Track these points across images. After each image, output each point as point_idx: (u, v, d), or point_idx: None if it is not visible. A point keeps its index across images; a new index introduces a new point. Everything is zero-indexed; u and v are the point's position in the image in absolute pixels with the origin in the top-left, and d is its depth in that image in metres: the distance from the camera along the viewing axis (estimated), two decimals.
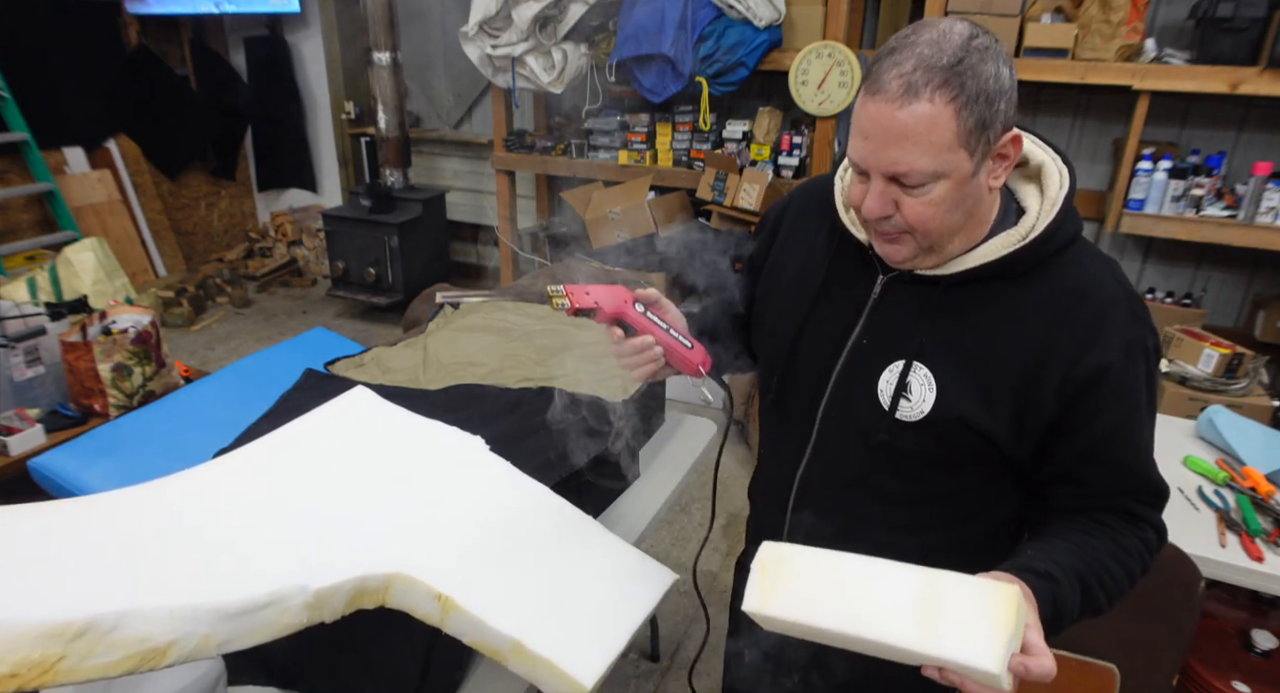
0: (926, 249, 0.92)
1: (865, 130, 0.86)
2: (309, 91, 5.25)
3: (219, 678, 1.12)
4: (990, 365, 0.93)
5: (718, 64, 3.46)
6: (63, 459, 1.88)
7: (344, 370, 2.00)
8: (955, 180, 0.86)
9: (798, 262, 1.10)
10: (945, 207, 0.88)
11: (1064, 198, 0.94)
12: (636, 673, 2.18)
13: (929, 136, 0.83)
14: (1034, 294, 0.93)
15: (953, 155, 0.84)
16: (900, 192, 0.87)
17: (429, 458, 1.29)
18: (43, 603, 0.78)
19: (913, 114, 0.82)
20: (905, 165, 0.84)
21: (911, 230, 0.90)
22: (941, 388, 0.94)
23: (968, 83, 0.82)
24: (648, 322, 1.02)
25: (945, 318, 0.95)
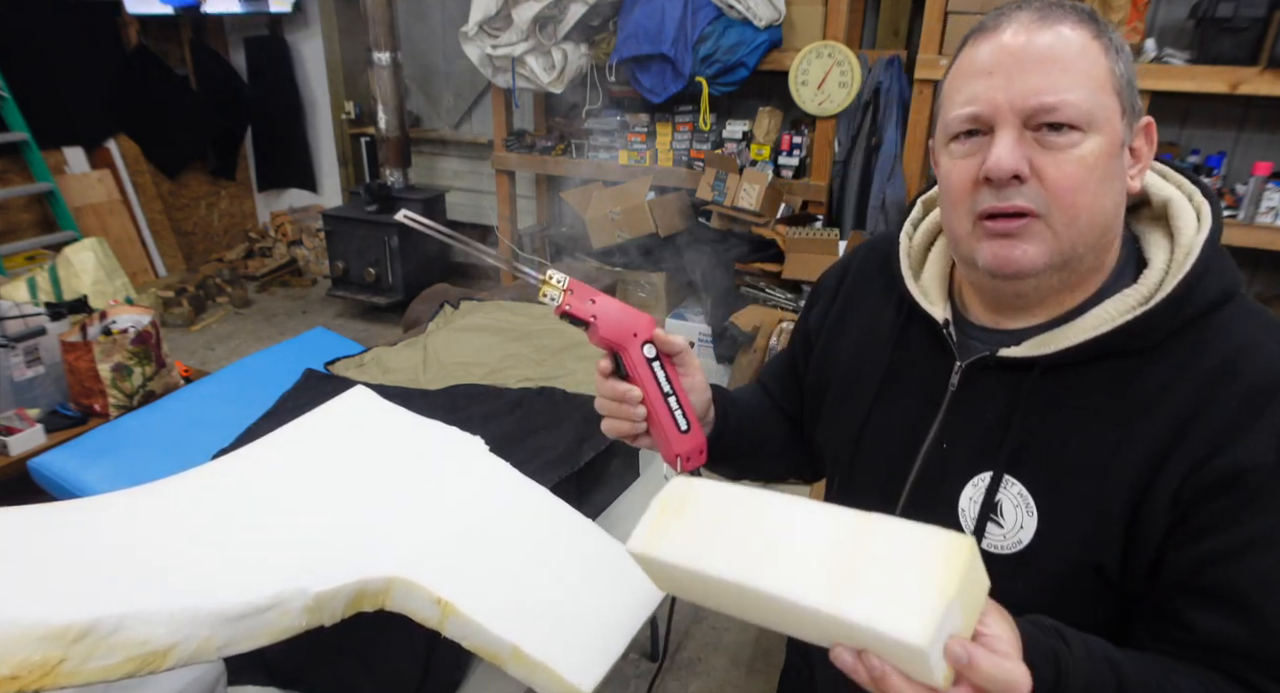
0: (1063, 252, 0.68)
1: (987, 66, 0.67)
2: (309, 91, 5.25)
3: (219, 679, 1.13)
4: (1105, 477, 0.68)
5: (718, 64, 3.46)
6: (63, 459, 1.88)
7: (344, 370, 2.00)
8: (1106, 140, 0.66)
9: (858, 341, 0.88)
10: (1099, 175, 0.66)
11: (1203, 243, 0.69)
12: (636, 673, 2.18)
13: (1080, 63, 0.65)
14: (1163, 375, 0.68)
15: (1107, 99, 0.66)
16: (1038, 146, 0.66)
17: (429, 459, 1.30)
18: (43, 605, 0.78)
19: (1058, 36, 0.65)
20: (1055, 94, 0.64)
21: (1051, 206, 0.66)
22: (1044, 512, 0.71)
23: (1108, 30, 0.67)
24: (647, 373, 0.79)
25: (1042, 414, 0.72)
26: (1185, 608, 0.66)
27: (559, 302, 0.76)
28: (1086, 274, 0.72)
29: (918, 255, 0.86)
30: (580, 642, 1.04)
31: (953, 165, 0.71)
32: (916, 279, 0.84)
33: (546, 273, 0.76)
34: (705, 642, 2.30)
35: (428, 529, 1.12)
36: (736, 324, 3.23)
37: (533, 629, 1.01)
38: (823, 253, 3.15)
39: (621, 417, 0.80)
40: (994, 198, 0.68)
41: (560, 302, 0.76)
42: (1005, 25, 0.68)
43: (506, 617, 1.01)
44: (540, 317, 2.18)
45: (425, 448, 1.31)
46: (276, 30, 5.12)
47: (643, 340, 0.79)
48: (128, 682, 0.96)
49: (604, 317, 0.77)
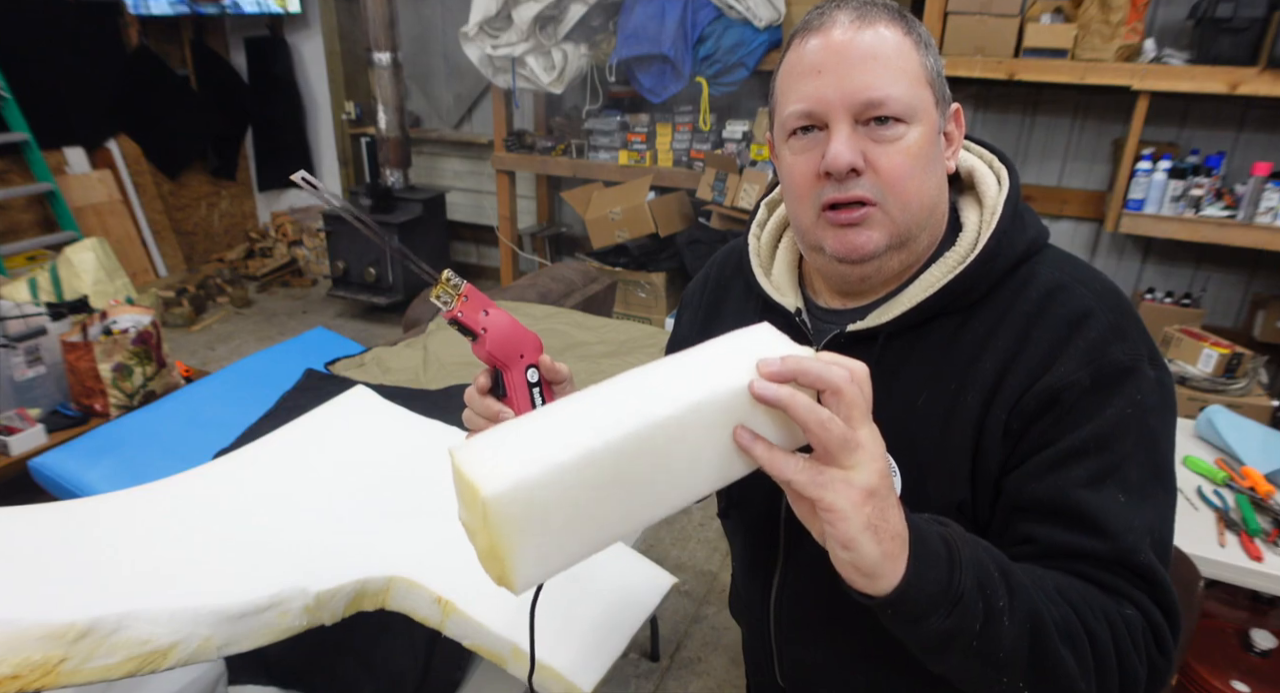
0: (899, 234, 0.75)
1: (816, 66, 0.72)
2: (309, 91, 5.25)
3: (219, 678, 1.13)
4: (944, 428, 0.74)
5: (718, 64, 3.46)
6: (63, 459, 1.88)
7: (344, 370, 2.01)
8: (926, 129, 0.73)
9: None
10: (922, 161, 0.73)
11: (1004, 201, 0.77)
12: (636, 673, 2.18)
13: (898, 61, 0.71)
14: (988, 323, 0.75)
15: (921, 91, 0.72)
16: (869, 140, 0.72)
17: (429, 458, 1.30)
18: (44, 604, 0.78)
19: (877, 36, 0.71)
20: (880, 90, 0.70)
21: (886, 194, 0.73)
22: (905, 469, 0.75)
23: (917, 26, 0.74)
24: (525, 395, 0.76)
25: (890, 379, 0.77)
26: (1023, 524, 0.71)
27: (452, 307, 0.72)
28: (922, 251, 0.79)
29: (766, 253, 0.91)
30: (580, 641, 1.04)
31: (794, 160, 0.76)
32: (768, 275, 0.89)
33: (444, 273, 0.71)
34: (705, 642, 2.30)
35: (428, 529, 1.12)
36: None
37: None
38: None
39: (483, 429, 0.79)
40: (835, 189, 0.73)
41: (453, 307, 0.72)
42: (829, 25, 0.73)
43: (507, 616, 1.01)
44: (539, 317, 2.18)
45: (425, 447, 1.31)
46: (277, 30, 5.13)
47: (528, 363, 0.76)
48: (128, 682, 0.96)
49: (495, 331, 0.74)
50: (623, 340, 2.05)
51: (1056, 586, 0.66)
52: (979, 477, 0.73)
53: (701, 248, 3.52)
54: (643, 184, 3.74)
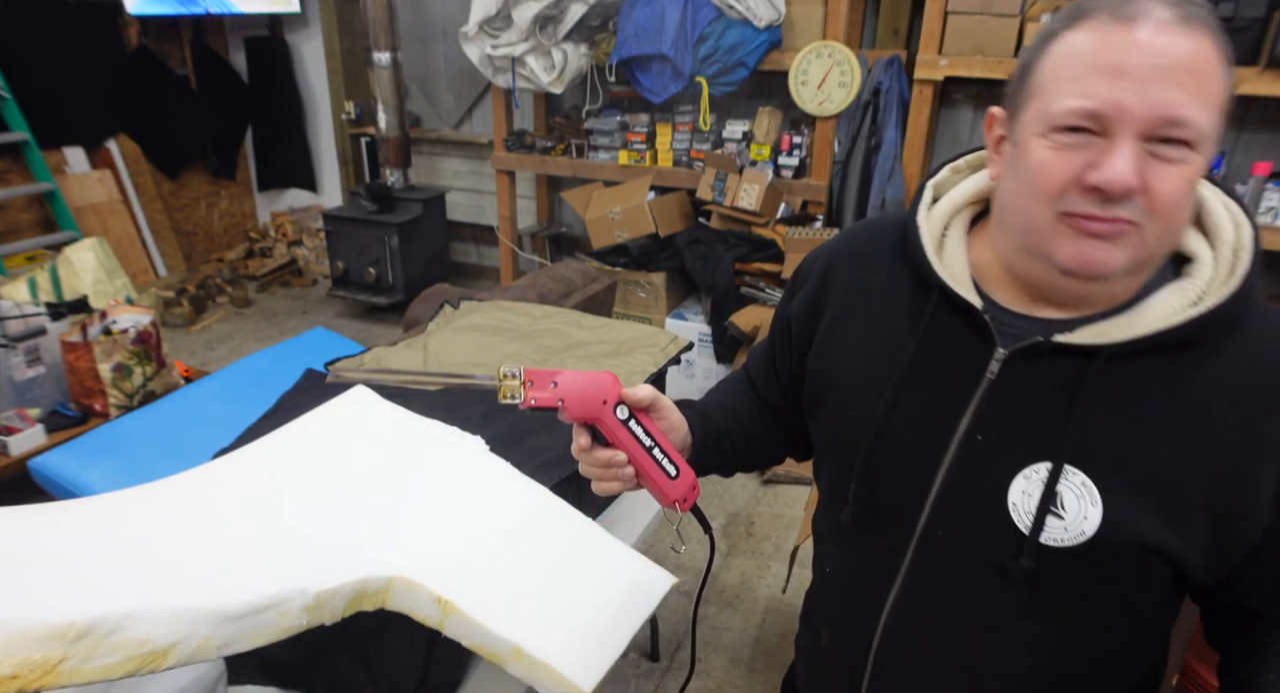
0: (1144, 260, 0.69)
1: (1118, 65, 0.62)
2: (309, 91, 5.25)
3: (219, 678, 1.13)
4: (1169, 466, 0.69)
5: (718, 64, 3.46)
6: (63, 459, 1.88)
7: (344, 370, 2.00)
8: (1207, 159, 0.65)
9: (870, 329, 0.84)
10: (1191, 191, 0.66)
11: (1252, 244, 0.70)
12: (636, 673, 2.18)
13: (1209, 82, 0.62)
14: (1221, 368, 0.69)
15: (1216, 119, 0.64)
16: (1150, 158, 0.63)
17: (429, 458, 1.30)
18: (44, 604, 0.78)
19: (1197, 47, 0.61)
20: (1186, 109, 0.61)
21: (1150, 218, 0.65)
22: (1109, 500, 0.70)
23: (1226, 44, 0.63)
24: (626, 434, 0.77)
25: (1107, 403, 0.71)
26: None
27: (523, 397, 0.73)
28: (1145, 278, 0.73)
29: (935, 239, 0.82)
30: (580, 641, 1.04)
31: (1051, 158, 0.67)
32: (942, 264, 0.80)
33: (500, 371, 0.72)
34: (705, 642, 2.30)
35: (428, 529, 1.12)
36: (736, 324, 3.23)
37: (533, 628, 1.01)
38: None
39: (611, 479, 0.79)
40: (1094, 206, 0.65)
41: (524, 397, 0.73)
42: (1141, 19, 0.62)
43: (506, 616, 1.01)
44: (540, 317, 2.17)
45: (425, 448, 1.31)
46: (276, 30, 5.13)
47: (613, 404, 0.76)
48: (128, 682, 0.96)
49: (570, 396, 0.74)
50: (623, 340, 2.05)
51: None
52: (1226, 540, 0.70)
53: (701, 248, 3.52)
54: (643, 184, 3.73)
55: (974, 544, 0.75)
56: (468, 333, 2.14)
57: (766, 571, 2.61)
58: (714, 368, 3.60)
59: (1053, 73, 0.67)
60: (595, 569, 1.20)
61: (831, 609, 0.95)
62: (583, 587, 1.16)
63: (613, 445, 0.77)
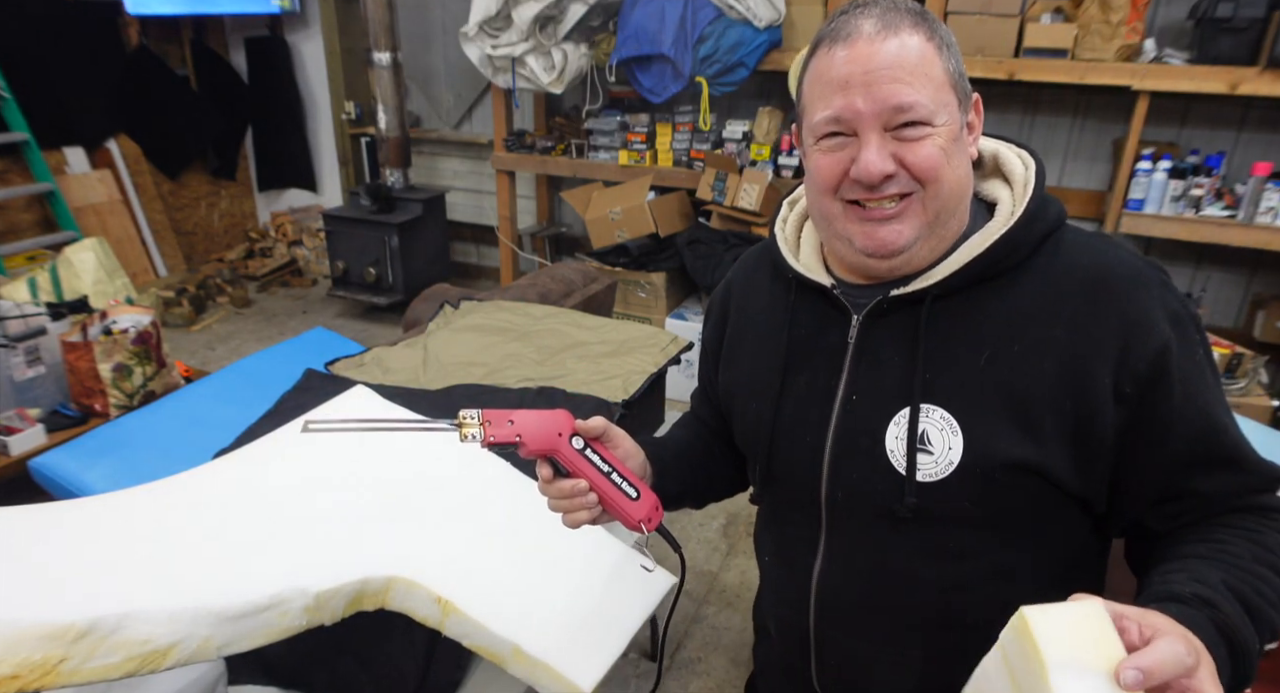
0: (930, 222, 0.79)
1: (844, 78, 0.75)
2: (309, 91, 5.25)
3: (219, 678, 1.13)
4: (1015, 384, 0.76)
5: (718, 64, 3.46)
6: (63, 459, 1.88)
7: (344, 370, 2.00)
8: (952, 129, 0.77)
9: (756, 338, 0.94)
10: (949, 153, 0.76)
11: (1035, 178, 0.82)
12: (636, 673, 2.18)
13: (923, 68, 0.75)
14: (1036, 286, 0.78)
15: (945, 95, 0.76)
16: (898, 142, 0.76)
17: (428, 458, 1.30)
18: (45, 604, 0.78)
19: (902, 45, 0.74)
20: (908, 96, 0.74)
21: (922, 184, 0.76)
22: (968, 427, 0.77)
23: (939, 29, 0.77)
24: (584, 462, 0.83)
25: (943, 340, 0.80)
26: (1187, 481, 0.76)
27: (481, 437, 0.78)
28: (951, 237, 0.82)
29: (793, 240, 0.95)
30: (580, 641, 1.04)
31: (824, 159, 0.79)
32: (796, 257, 0.92)
33: (460, 415, 0.79)
34: (705, 642, 2.30)
35: (428, 529, 1.12)
36: None
37: (533, 628, 1.01)
38: None
39: (577, 509, 0.84)
40: (862, 191, 0.78)
41: (484, 436, 0.78)
42: (854, 36, 0.75)
43: (507, 616, 1.01)
44: (540, 317, 2.17)
45: (425, 448, 1.31)
46: (276, 30, 5.12)
47: (568, 435, 0.82)
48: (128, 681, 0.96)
49: (527, 432, 0.80)
50: (623, 340, 2.05)
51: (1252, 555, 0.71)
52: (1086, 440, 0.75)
53: (701, 248, 3.52)
54: (643, 184, 3.73)
55: (867, 497, 0.83)
56: (468, 333, 2.14)
57: None
58: None
59: (807, 93, 0.81)
60: (595, 570, 1.20)
61: (773, 601, 1.00)
62: (582, 587, 1.16)
63: (573, 475, 0.82)
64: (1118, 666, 0.54)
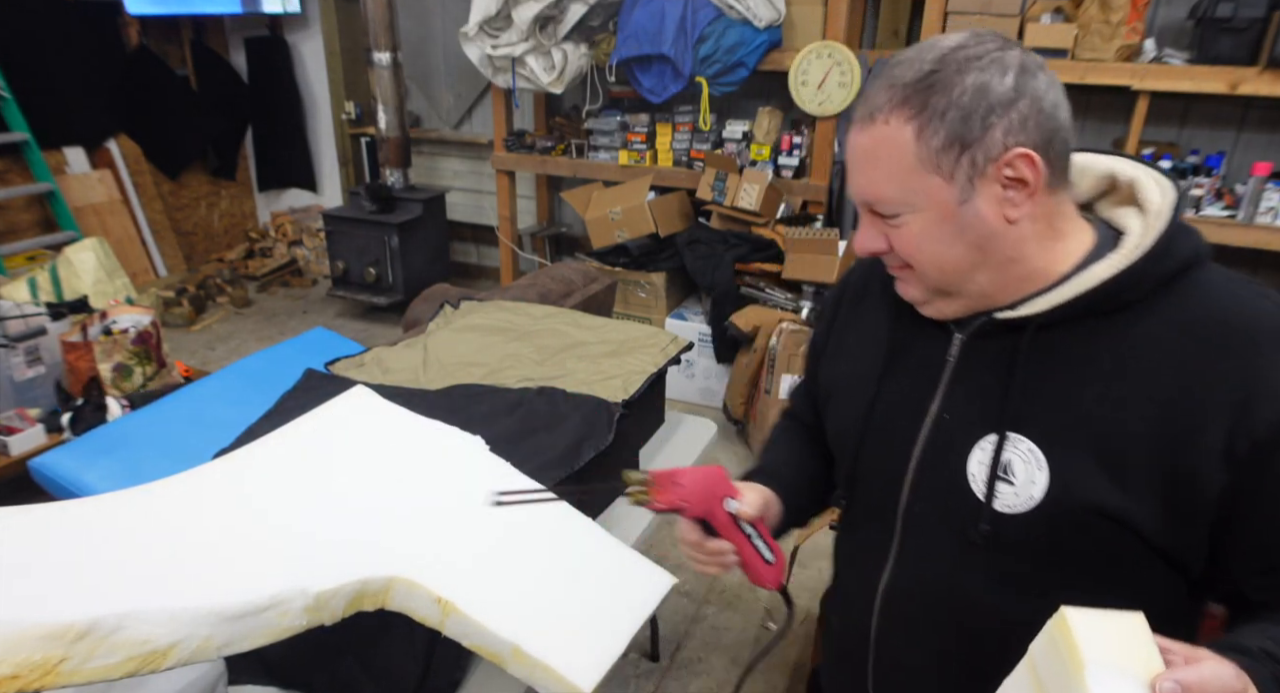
0: (937, 291, 0.80)
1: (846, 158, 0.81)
2: (309, 91, 5.25)
3: (219, 678, 1.13)
4: (1113, 427, 0.73)
5: (718, 64, 3.46)
6: (63, 459, 1.88)
7: (344, 370, 2.00)
8: (935, 211, 0.75)
9: (860, 340, 0.95)
10: (933, 240, 0.76)
11: (1171, 205, 0.76)
12: (636, 673, 2.18)
13: (887, 161, 0.75)
14: (1157, 327, 0.73)
15: (919, 182, 0.74)
16: (884, 225, 0.78)
17: (429, 458, 1.30)
18: (44, 605, 0.78)
19: (871, 137, 0.75)
20: (871, 192, 0.77)
21: (911, 263, 0.79)
22: (1055, 464, 0.75)
23: (934, 99, 0.72)
24: (734, 528, 0.87)
25: (1043, 372, 0.77)
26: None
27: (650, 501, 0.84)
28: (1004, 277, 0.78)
29: None
30: (580, 641, 1.04)
31: None
32: None
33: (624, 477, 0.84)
34: (705, 642, 2.30)
35: (428, 529, 1.12)
36: (736, 324, 3.23)
37: (532, 628, 1.01)
38: (822, 253, 3.15)
39: (714, 565, 0.89)
40: None
41: (652, 500, 0.84)
42: (854, 116, 0.79)
43: (506, 616, 1.01)
44: (540, 317, 2.17)
45: (425, 448, 1.31)
46: (276, 30, 5.12)
47: (723, 497, 0.86)
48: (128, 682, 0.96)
49: (692, 497, 0.84)
50: (623, 340, 2.05)
51: None
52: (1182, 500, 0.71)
53: (701, 248, 3.52)
54: (643, 184, 3.73)
55: (944, 516, 0.82)
56: (468, 333, 2.14)
57: None
58: (714, 368, 3.60)
59: None
60: (595, 569, 1.20)
61: (841, 599, 1.01)
62: (582, 586, 1.16)
63: (722, 538, 0.86)
64: (1156, 677, 0.52)
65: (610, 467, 1.70)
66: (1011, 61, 0.73)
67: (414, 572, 1.01)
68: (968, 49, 0.73)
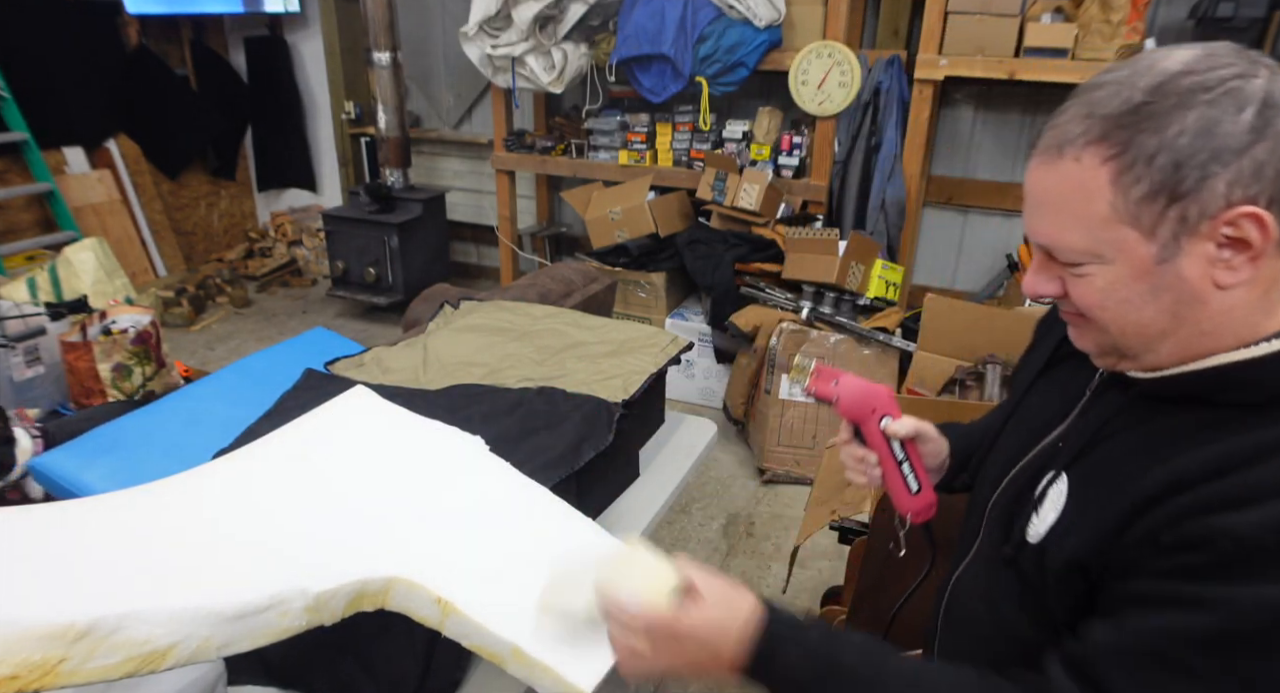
0: (1112, 350, 0.73)
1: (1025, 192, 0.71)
2: (309, 91, 5.25)
3: (219, 678, 1.13)
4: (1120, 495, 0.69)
5: (718, 64, 3.46)
6: (63, 459, 1.88)
7: (344, 370, 2.00)
8: (1127, 267, 0.65)
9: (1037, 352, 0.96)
10: (1120, 300, 0.67)
11: None
12: None
13: (1072, 207, 0.65)
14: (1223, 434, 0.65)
15: (1111, 234, 0.65)
16: (1062, 270, 0.70)
17: (429, 458, 1.30)
18: (44, 605, 0.78)
19: (1056, 174, 0.66)
20: (1047, 237, 0.69)
21: (1087, 315, 0.71)
22: (1067, 510, 0.74)
23: (1141, 138, 0.61)
24: (881, 442, 0.91)
25: (1118, 431, 0.74)
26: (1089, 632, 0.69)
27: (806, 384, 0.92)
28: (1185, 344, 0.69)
29: None
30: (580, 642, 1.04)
31: None
32: None
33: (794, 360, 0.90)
34: None
35: (428, 529, 1.12)
36: (736, 324, 3.23)
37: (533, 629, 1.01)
38: (823, 253, 3.15)
39: (859, 473, 0.94)
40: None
41: (807, 384, 0.91)
42: (1037, 145, 0.70)
43: (506, 616, 1.01)
44: (540, 317, 2.17)
45: (425, 448, 1.31)
46: (276, 30, 5.12)
47: (881, 415, 0.91)
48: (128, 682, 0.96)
49: (846, 395, 0.90)
50: (623, 340, 2.05)
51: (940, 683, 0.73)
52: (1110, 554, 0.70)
53: (701, 248, 3.52)
54: (643, 184, 3.73)
55: (1003, 529, 0.85)
56: (468, 333, 2.14)
57: (767, 571, 2.61)
58: (714, 368, 3.60)
59: None
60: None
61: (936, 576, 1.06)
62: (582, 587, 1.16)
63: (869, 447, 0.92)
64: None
65: (610, 467, 1.70)
66: (1253, 93, 0.59)
67: (414, 572, 1.01)
68: (1196, 76, 0.60)
